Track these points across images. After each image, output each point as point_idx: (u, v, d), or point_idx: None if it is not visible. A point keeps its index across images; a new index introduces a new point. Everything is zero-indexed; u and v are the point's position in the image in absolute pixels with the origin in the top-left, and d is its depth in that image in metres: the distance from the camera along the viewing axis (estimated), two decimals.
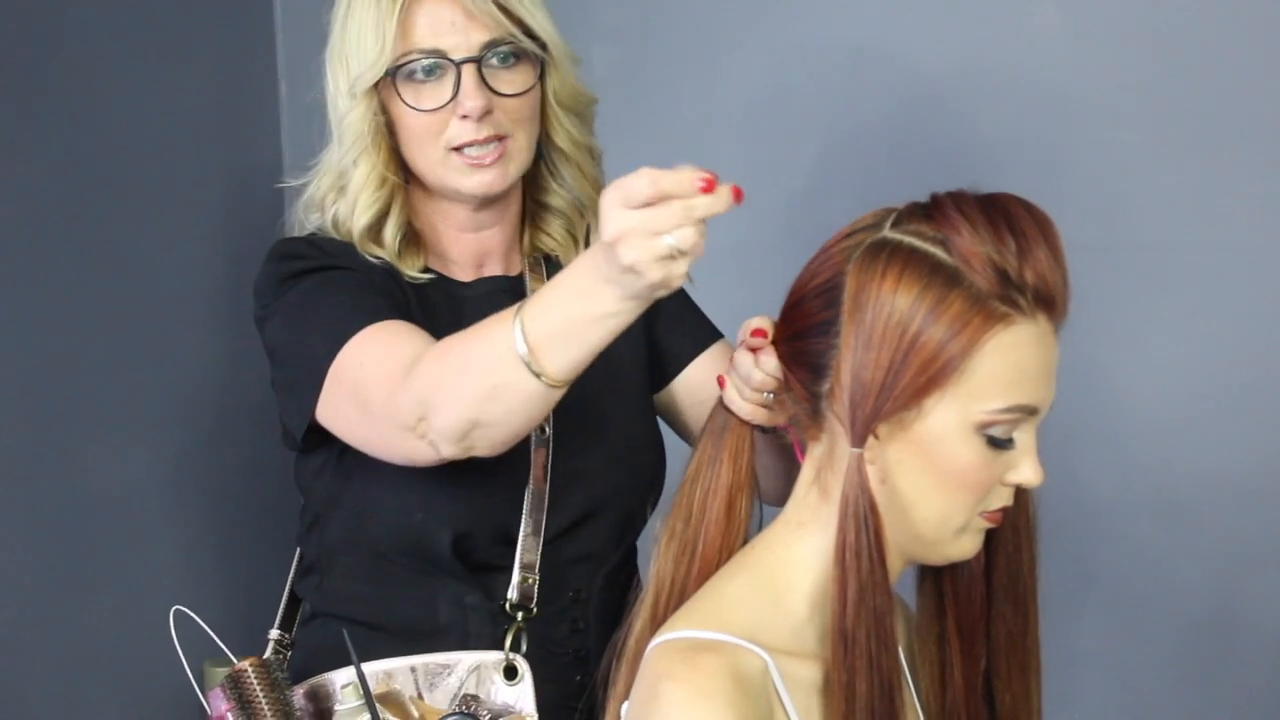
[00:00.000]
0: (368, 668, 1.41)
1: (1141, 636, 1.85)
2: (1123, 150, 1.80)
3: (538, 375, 1.20)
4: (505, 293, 1.51)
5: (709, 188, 1.07)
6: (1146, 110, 1.78)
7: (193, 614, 1.38)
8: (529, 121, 1.46)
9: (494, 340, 1.22)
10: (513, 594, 1.44)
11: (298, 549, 1.57)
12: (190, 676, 1.38)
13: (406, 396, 1.29)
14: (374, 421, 1.35)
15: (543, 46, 1.44)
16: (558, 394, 1.24)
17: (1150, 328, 1.81)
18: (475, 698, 1.41)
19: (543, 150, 1.51)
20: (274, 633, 1.54)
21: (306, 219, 1.53)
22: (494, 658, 1.43)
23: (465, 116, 1.41)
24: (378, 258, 1.47)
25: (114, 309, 1.85)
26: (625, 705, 1.15)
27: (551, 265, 1.55)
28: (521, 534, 1.43)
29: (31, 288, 1.74)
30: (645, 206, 1.07)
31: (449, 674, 1.42)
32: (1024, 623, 1.22)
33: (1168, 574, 1.83)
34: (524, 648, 1.44)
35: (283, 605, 1.56)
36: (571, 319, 1.18)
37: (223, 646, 1.38)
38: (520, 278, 1.54)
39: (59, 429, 1.78)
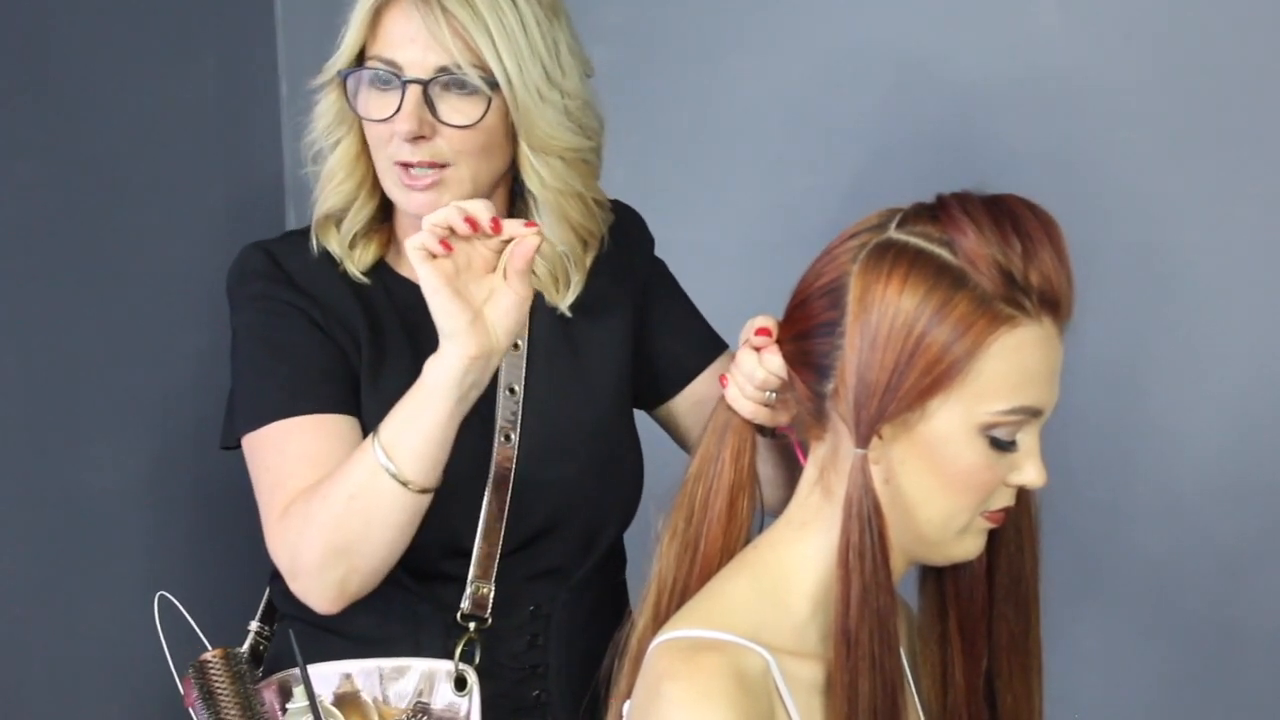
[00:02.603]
0: (332, 667, 1.42)
1: (1143, 637, 1.85)
2: (1125, 151, 1.80)
3: (394, 475, 1.30)
4: None
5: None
6: (1148, 110, 1.79)
7: (175, 600, 1.39)
8: (477, 155, 1.40)
9: (354, 458, 1.33)
10: (465, 604, 1.43)
11: None
12: (170, 662, 1.38)
13: (279, 545, 1.37)
14: (262, 518, 1.41)
15: (493, 85, 1.37)
16: (417, 499, 1.32)
17: (1152, 328, 1.81)
18: (426, 706, 1.41)
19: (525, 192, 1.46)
20: (254, 625, 1.54)
21: None
22: (445, 666, 1.42)
23: (402, 135, 1.38)
24: (328, 250, 1.47)
25: (113, 308, 1.85)
26: (627, 704, 1.15)
27: (536, 301, 1.49)
28: (476, 544, 1.42)
29: (30, 286, 1.74)
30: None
31: (403, 678, 1.42)
32: (1026, 623, 1.22)
33: (1170, 575, 1.83)
34: (476, 659, 1.43)
35: (264, 599, 1.55)
36: (405, 406, 1.31)
37: (200, 634, 1.39)
38: None
39: (56, 427, 1.78)
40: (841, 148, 1.95)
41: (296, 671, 1.41)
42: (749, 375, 1.18)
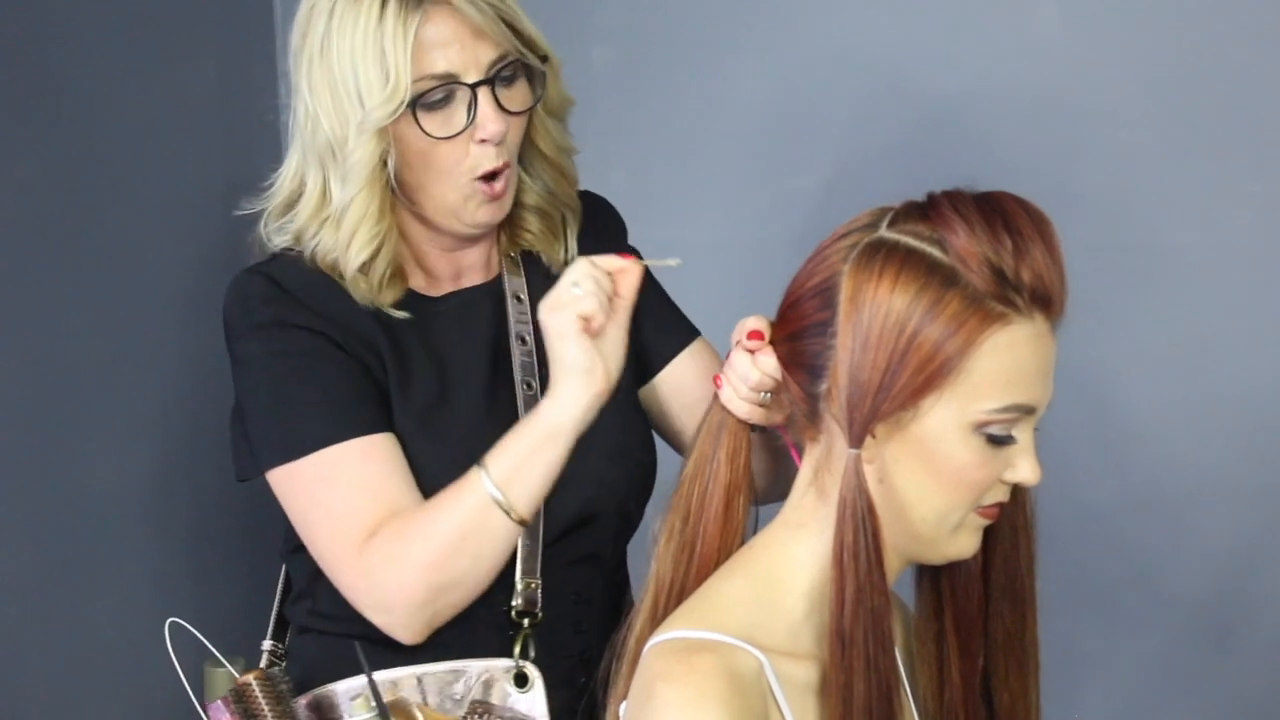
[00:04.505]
0: (380, 675, 1.39)
1: (1140, 635, 1.85)
2: (1122, 150, 1.80)
3: (507, 512, 1.32)
4: (478, 303, 1.50)
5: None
6: (1146, 111, 1.79)
7: (189, 626, 1.37)
8: (519, 137, 1.42)
9: (459, 494, 1.33)
10: (517, 601, 1.43)
11: (283, 566, 1.54)
12: (188, 689, 1.36)
13: (363, 579, 1.36)
14: (316, 551, 1.40)
15: (543, 59, 1.40)
16: (519, 532, 1.36)
17: (1149, 327, 1.81)
18: (486, 704, 1.40)
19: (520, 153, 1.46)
20: (267, 644, 1.52)
21: (269, 239, 1.46)
22: (504, 665, 1.41)
23: (484, 140, 1.36)
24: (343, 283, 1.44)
25: (113, 311, 1.85)
26: (624, 705, 1.15)
27: (530, 261, 1.52)
28: (520, 540, 1.41)
29: (29, 289, 1.74)
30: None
31: (458, 681, 1.41)
32: (1022, 621, 1.22)
33: (1167, 573, 1.83)
34: (533, 654, 1.43)
35: (273, 617, 1.54)
36: (523, 443, 1.33)
37: (220, 658, 1.37)
38: (497, 280, 1.51)
39: (58, 433, 1.78)
40: (837, 148, 1.95)
41: (331, 687, 1.41)
42: (743, 377, 1.17)
